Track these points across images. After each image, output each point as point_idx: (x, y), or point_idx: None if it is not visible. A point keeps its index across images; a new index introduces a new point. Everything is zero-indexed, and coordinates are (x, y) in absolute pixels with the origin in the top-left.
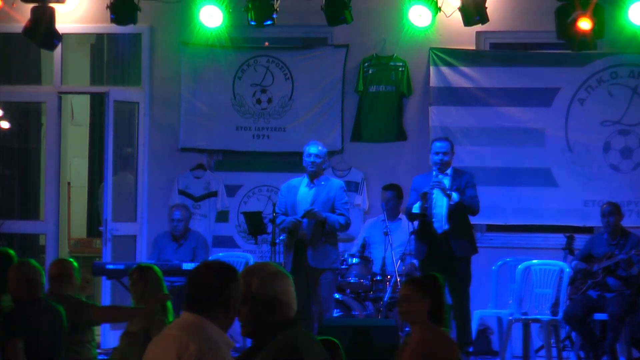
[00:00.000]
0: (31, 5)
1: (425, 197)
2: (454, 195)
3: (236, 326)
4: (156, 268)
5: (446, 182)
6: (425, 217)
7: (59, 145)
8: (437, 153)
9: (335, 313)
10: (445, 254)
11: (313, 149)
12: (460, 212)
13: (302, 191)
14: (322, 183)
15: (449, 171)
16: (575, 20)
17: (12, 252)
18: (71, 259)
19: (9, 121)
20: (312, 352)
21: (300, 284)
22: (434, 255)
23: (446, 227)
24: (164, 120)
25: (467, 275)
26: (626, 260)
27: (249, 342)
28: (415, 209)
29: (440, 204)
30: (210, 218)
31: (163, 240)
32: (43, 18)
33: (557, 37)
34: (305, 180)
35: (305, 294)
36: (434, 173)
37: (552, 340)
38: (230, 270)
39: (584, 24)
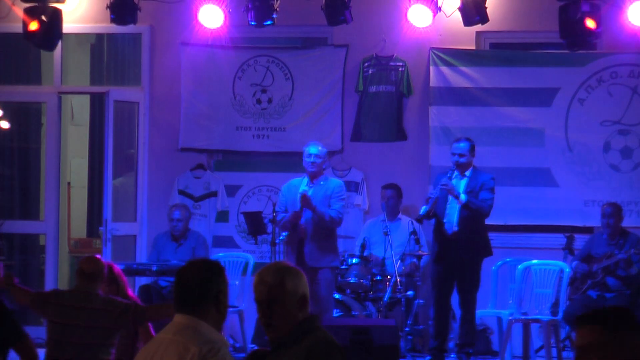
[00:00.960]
0: (26, 6)
1: (428, 202)
2: (462, 197)
3: (235, 325)
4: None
5: (463, 183)
6: (428, 220)
7: (59, 145)
8: (453, 154)
9: (335, 313)
10: (455, 255)
11: (313, 149)
12: (471, 214)
13: (301, 191)
14: (322, 183)
15: (468, 172)
16: (582, 19)
17: None
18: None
19: (9, 121)
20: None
21: None
22: (444, 256)
23: (456, 228)
24: (164, 120)
25: (474, 278)
26: (625, 260)
27: (249, 341)
28: (422, 210)
29: (453, 205)
30: (210, 218)
31: (163, 240)
32: (51, 20)
33: (561, 36)
34: (305, 180)
35: None
36: (454, 173)
37: (552, 340)
38: (216, 265)
39: (591, 22)
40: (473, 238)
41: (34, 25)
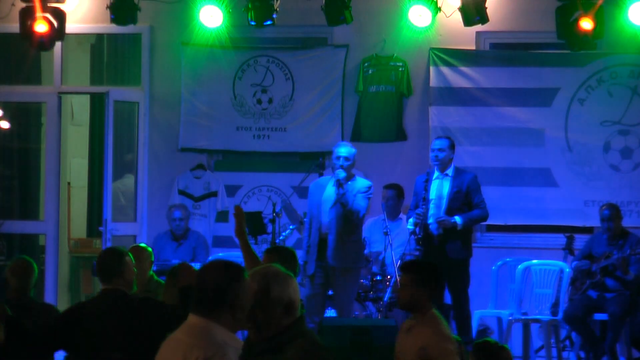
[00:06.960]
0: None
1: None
2: (458, 220)
3: None
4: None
5: (446, 184)
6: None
7: (59, 145)
8: (432, 150)
9: (335, 313)
10: (441, 255)
11: (343, 150)
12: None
13: (328, 191)
14: (349, 183)
15: (450, 171)
16: (577, 20)
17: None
18: None
19: (9, 121)
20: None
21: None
22: (431, 257)
23: (441, 230)
24: (164, 120)
25: (464, 277)
26: (622, 260)
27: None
28: (410, 225)
29: (438, 204)
30: (210, 218)
31: (163, 240)
32: (55, 21)
33: (558, 37)
34: (333, 180)
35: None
36: (434, 174)
37: (552, 340)
38: (236, 269)
39: (586, 23)
40: (457, 238)
41: (44, 27)
